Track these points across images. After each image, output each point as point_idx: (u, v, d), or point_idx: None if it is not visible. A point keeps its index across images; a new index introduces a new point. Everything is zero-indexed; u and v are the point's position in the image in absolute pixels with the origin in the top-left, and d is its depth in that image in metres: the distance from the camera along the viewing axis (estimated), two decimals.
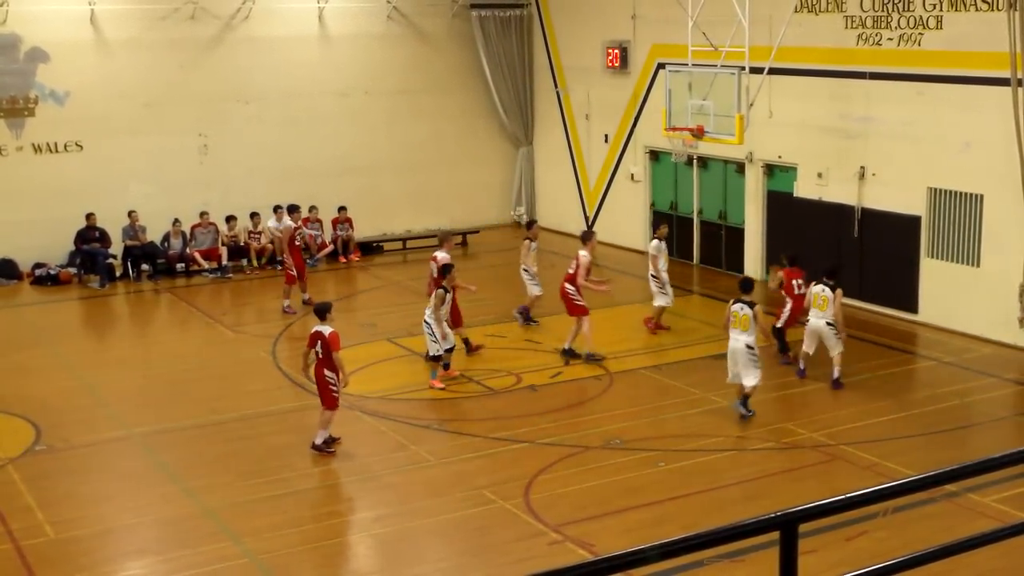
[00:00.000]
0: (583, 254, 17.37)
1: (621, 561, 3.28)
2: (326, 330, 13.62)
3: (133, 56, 23.97)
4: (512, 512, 11.91)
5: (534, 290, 19.14)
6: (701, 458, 13.42)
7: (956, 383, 16.07)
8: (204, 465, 13.54)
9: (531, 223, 20.49)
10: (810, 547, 8.70)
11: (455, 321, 17.10)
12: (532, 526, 11.58)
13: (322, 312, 13.87)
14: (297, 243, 20.71)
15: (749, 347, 14.41)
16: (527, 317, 19.29)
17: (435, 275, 17.30)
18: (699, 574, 10.05)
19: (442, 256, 17.53)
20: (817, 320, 15.64)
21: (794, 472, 12.95)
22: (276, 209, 24.16)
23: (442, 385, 16.10)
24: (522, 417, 14.89)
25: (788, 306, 16.78)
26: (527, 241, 19.21)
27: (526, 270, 19.21)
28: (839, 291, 15.57)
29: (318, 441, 13.70)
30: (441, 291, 16.03)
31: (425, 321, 16.01)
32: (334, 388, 13.64)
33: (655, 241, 18.92)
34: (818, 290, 15.61)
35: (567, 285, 17.28)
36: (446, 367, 16.36)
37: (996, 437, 14.22)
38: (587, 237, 17.97)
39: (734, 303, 14.63)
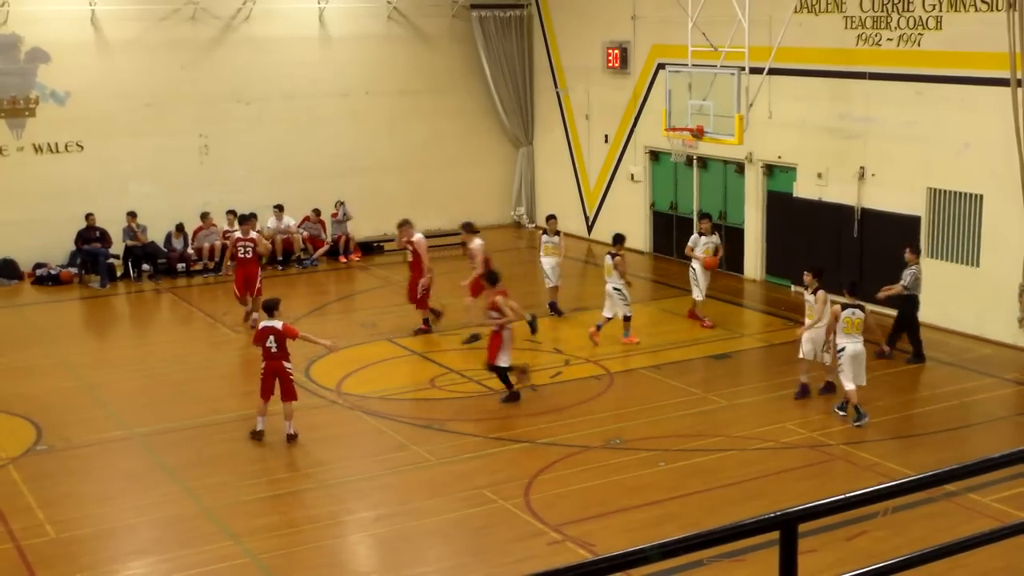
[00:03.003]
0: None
1: (621, 561, 3.29)
2: (277, 324, 13.88)
3: (134, 56, 23.99)
4: (512, 512, 11.92)
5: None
6: (701, 458, 13.42)
7: (956, 383, 16.08)
8: (204, 465, 13.54)
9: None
10: (810, 547, 8.72)
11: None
12: (532, 526, 11.58)
13: (271, 308, 14.08)
14: (241, 255, 19.57)
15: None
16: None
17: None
18: (699, 574, 10.06)
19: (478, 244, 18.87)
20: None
21: (794, 472, 12.95)
22: (277, 209, 24.28)
23: (638, 340, 18.02)
24: (522, 417, 14.90)
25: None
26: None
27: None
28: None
29: (291, 431, 13.96)
30: (619, 257, 18.00)
31: (615, 288, 17.83)
32: (294, 377, 14.12)
33: (694, 235, 19.25)
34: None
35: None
36: (598, 328, 18.13)
37: (996, 437, 14.22)
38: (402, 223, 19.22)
39: (844, 308, 14.31)
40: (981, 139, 17.53)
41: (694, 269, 18.96)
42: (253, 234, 19.83)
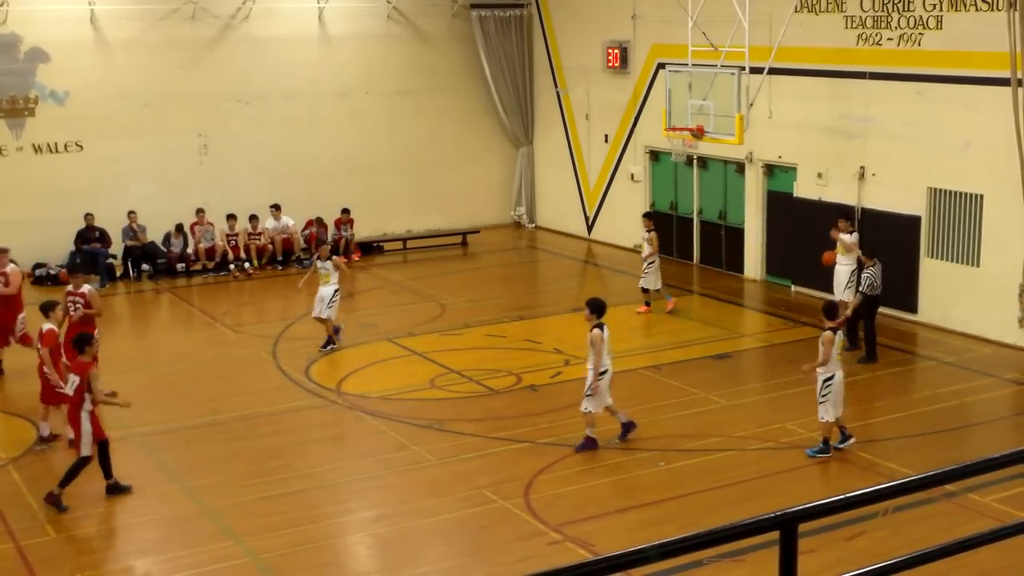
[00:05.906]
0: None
1: (621, 561, 3.28)
2: (46, 326, 14.06)
3: (133, 56, 23.98)
4: (512, 512, 11.91)
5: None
6: (701, 458, 13.42)
7: (956, 383, 16.07)
8: (204, 465, 13.54)
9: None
10: (810, 547, 8.70)
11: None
12: (532, 526, 11.58)
13: (46, 309, 14.05)
14: (72, 311, 15.02)
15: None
16: None
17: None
18: (699, 574, 10.05)
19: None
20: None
21: (794, 472, 12.95)
22: (274, 208, 24.28)
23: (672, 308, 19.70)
24: (522, 417, 14.89)
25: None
26: None
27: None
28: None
29: (44, 434, 14.21)
30: (654, 234, 19.96)
31: (650, 262, 19.59)
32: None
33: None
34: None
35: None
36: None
37: (996, 437, 14.22)
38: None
39: (835, 332, 13.23)
40: (981, 139, 17.53)
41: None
42: (86, 288, 15.49)
